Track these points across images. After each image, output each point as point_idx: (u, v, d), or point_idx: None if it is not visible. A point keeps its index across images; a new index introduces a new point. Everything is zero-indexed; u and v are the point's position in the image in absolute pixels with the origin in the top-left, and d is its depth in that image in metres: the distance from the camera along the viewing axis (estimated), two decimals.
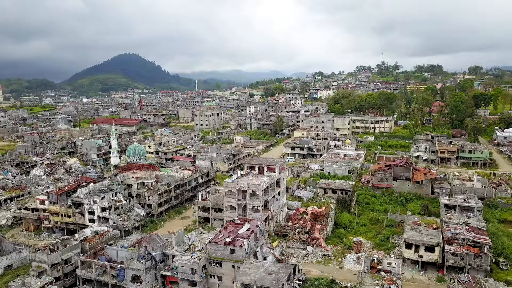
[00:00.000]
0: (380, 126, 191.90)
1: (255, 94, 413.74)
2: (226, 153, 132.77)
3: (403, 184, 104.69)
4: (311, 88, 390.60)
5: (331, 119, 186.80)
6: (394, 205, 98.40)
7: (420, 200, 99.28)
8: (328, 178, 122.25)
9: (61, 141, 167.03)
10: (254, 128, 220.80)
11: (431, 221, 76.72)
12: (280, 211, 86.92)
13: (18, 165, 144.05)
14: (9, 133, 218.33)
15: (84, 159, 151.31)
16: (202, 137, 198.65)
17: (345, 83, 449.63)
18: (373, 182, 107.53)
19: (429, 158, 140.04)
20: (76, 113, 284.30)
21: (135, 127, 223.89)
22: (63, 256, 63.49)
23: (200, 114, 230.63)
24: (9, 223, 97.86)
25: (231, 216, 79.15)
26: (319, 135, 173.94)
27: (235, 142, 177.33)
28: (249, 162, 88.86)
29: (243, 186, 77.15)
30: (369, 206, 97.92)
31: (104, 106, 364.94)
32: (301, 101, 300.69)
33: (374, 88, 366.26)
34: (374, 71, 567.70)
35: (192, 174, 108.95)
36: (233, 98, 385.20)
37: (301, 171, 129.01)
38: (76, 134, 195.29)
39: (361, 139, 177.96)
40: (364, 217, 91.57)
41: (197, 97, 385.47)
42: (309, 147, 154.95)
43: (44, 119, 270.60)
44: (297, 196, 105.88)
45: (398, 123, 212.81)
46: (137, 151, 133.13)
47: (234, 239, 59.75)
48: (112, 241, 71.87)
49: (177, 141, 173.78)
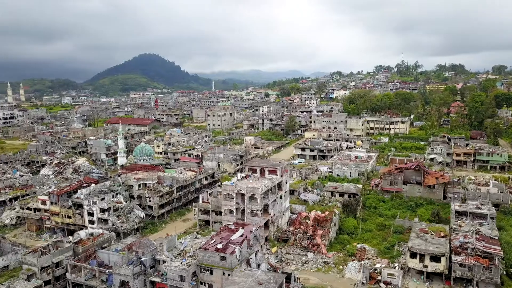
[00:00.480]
0: (395, 127, 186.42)
1: (270, 94, 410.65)
2: (233, 154, 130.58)
3: (413, 188, 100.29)
4: (327, 88, 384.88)
5: (344, 119, 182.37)
6: (403, 210, 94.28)
7: (431, 206, 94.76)
8: (337, 181, 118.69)
9: (73, 141, 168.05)
10: (266, 129, 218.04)
11: (439, 228, 72.64)
12: (282, 215, 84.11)
13: (29, 164, 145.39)
14: (25, 132, 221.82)
15: (93, 159, 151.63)
16: (213, 137, 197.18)
17: (363, 83, 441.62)
18: (382, 185, 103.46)
19: (444, 161, 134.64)
20: (91, 112, 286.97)
21: (148, 126, 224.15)
22: (54, 259, 62.34)
23: (212, 114, 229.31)
24: (13, 223, 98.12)
25: (229, 220, 76.83)
26: (331, 136, 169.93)
27: (245, 143, 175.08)
28: (251, 164, 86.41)
29: (241, 190, 74.71)
30: (377, 211, 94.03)
31: (121, 105, 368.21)
32: (316, 101, 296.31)
33: (392, 88, 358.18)
34: (393, 71, 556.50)
35: (196, 176, 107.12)
36: (248, 98, 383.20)
37: (309, 173, 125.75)
38: (89, 134, 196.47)
39: (375, 141, 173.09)
40: (370, 223, 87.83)
41: (213, 97, 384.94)
42: (320, 148, 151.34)
43: (61, 119, 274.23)
44: (302, 199, 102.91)
45: (415, 124, 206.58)
46: (144, 151, 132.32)
47: (226, 245, 57.39)
48: (107, 244, 70.44)
49: (187, 141, 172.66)
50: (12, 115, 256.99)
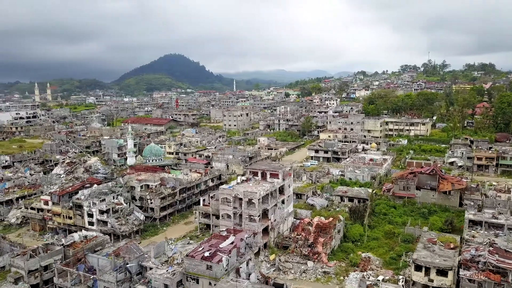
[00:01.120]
0: (415, 129, 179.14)
1: (291, 94, 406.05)
2: (242, 155, 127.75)
3: (427, 194, 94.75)
4: (349, 88, 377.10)
5: (361, 120, 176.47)
6: (415, 217, 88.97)
7: (445, 213, 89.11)
8: (348, 184, 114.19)
9: (87, 140, 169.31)
10: (283, 129, 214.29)
11: (449, 239, 67.52)
12: (284, 221, 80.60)
13: (43, 163, 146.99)
14: (45, 131, 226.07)
15: (105, 159, 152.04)
16: (227, 138, 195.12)
17: (387, 83, 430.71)
18: (394, 190, 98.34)
19: (465, 165, 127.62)
20: (110, 112, 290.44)
21: (164, 126, 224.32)
22: (42, 263, 61.16)
23: (228, 114, 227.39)
24: (18, 222, 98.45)
25: (227, 225, 74.11)
26: (347, 138, 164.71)
27: (259, 144, 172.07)
28: (252, 167, 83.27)
29: (238, 194, 71.75)
30: (387, 217, 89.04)
31: (142, 105, 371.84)
32: (336, 101, 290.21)
33: (417, 88, 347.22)
34: (419, 70, 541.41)
35: (201, 177, 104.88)
36: (268, 98, 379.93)
37: (320, 176, 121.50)
38: (105, 133, 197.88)
39: (393, 142, 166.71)
40: (378, 230, 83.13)
41: (233, 97, 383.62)
42: (334, 150, 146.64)
43: (82, 118, 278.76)
44: (309, 203, 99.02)
45: (437, 126, 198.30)
46: (153, 152, 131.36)
47: (214, 253, 54.61)
48: (100, 247, 68.93)
49: (200, 142, 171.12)
50: (35, 114, 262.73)
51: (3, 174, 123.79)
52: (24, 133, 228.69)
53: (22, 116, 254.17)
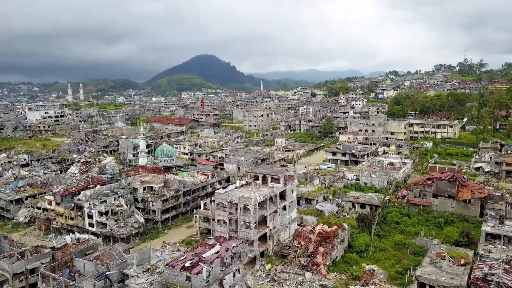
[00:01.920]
0: (442, 131, 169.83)
1: (317, 94, 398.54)
2: (254, 157, 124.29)
3: (444, 202, 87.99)
4: (377, 88, 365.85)
5: (383, 122, 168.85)
6: (430, 227, 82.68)
7: (463, 223, 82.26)
8: (363, 189, 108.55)
9: (106, 140, 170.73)
10: (304, 130, 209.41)
11: (460, 253, 61.60)
12: (285, 228, 76.57)
13: (60, 162, 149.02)
14: (71, 130, 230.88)
15: (121, 158, 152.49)
16: (246, 139, 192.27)
17: (419, 83, 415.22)
18: (409, 197, 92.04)
19: (492, 171, 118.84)
20: (135, 112, 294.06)
21: (185, 126, 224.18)
22: (28, 266, 59.92)
23: (249, 114, 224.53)
24: (26, 221, 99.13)
25: (222, 232, 71.01)
26: (368, 140, 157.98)
27: (276, 145, 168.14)
28: (252, 171, 79.68)
29: (234, 199, 68.36)
30: (398, 226, 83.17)
31: (168, 105, 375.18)
32: (362, 102, 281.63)
33: (450, 88, 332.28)
34: (454, 70, 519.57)
35: (207, 179, 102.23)
36: (293, 98, 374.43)
37: (334, 180, 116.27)
38: (126, 133, 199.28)
39: (417, 145, 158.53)
40: (387, 240, 77.56)
41: (258, 97, 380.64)
42: (352, 153, 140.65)
43: (107, 117, 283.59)
44: (318, 209, 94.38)
45: (467, 128, 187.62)
46: (165, 152, 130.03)
47: (196, 263, 51.43)
48: (91, 251, 67.20)
49: (217, 142, 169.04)
50: (63, 113, 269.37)
51: (18, 172, 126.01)
52: (50, 132, 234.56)
53: (50, 115, 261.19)
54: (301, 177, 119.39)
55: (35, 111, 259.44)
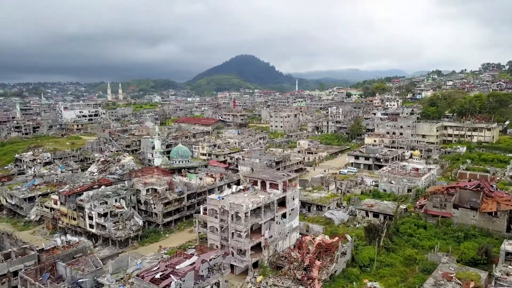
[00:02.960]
0: (479, 135, 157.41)
1: (353, 94, 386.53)
2: (269, 160, 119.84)
3: (466, 214, 79.75)
4: (415, 88, 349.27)
5: (412, 124, 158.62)
6: (448, 241, 75.12)
7: (486, 239, 74.08)
8: (381, 197, 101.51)
9: (129, 139, 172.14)
10: (331, 132, 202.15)
11: (471, 275, 54.51)
12: (284, 237, 71.96)
13: (82, 161, 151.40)
14: (102, 129, 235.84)
15: (140, 158, 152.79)
16: (270, 140, 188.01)
17: (462, 83, 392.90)
18: (427, 207, 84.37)
19: None
20: (167, 111, 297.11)
21: (211, 127, 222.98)
22: (11, 268, 59.13)
23: (275, 115, 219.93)
24: (37, 219, 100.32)
25: (214, 239, 67.57)
26: (395, 143, 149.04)
27: (298, 147, 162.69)
28: (251, 176, 75.55)
29: (224, 205, 64.56)
30: (412, 239, 76.16)
31: (201, 105, 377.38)
32: (397, 103, 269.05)
33: (495, 89, 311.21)
34: (503, 69, 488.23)
35: (215, 182, 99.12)
36: (327, 98, 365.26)
37: (351, 186, 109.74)
38: (152, 132, 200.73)
39: (450, 150, 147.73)
40: (397, 254, 70.99)
41: (291, 98, 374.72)
42: (376, 156, 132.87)
43: (140, 117, 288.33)
44: (327, 217, 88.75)
45: (508, 132, 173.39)
46: (180, 153, 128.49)
47: (167, 275, 48.17)
48: (81, 254, 65.76)
49: (239, 143, 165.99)
50: (97, 112, 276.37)
51: (39, 170, 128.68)
52: (83, 131, 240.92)
53: (84, 114, 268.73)
54: (317, 182, 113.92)
55: (70, 110, 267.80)
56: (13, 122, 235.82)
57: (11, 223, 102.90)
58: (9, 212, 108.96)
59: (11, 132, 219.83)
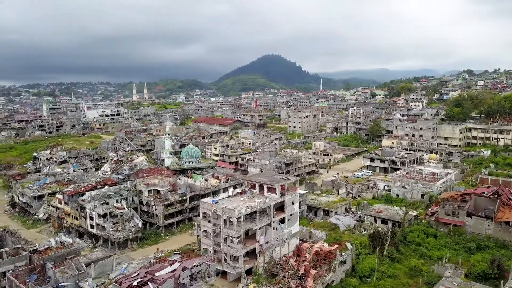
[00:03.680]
0: (505, 137, 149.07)
1: (377, 94, 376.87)
2: (278, 162, 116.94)
3: (481, 224, 74.48)
4: (443, 88, 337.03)
5: (432, 126, 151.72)
6: (459, 252, 70.29)
7: (501, 251, 68.90)
8: (393, 202, 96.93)
9: (144, 139, 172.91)
10: (351, 133, 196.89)
11: None
12: (282, 244, 69.11)
13: (97, 160, 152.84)
14: (122, 128, 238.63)
15: (154, 158, 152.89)
16: (286, 140, 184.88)
17: (494, 83, 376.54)
18: (439, 215, 79.45)
19: None
20: (182, 111, 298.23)
21: (229, 127, 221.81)
22: (1, 269, 58.82)
23: (293, 115, 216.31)
24: (45, 218, 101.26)
25: (207, 244, 65.45)
26: (414, 145, 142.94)
27: (314, 148, 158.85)
28: (248, 178, 73.03)
29: (217, 210, 62.36)
30: (419, 249, 71.73)
31: (222, 105, 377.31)
32: (422, 103, 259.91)
33: None
34: None
35: (219, 184, 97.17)
36: (351, 98, 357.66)
37: (362, 190, 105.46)
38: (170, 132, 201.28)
39: (473, 153, 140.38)
40: (402, 265, 66.81)
41: (313, 98, 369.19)
42: (392, 159, 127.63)
43: (161, 116, 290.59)
44: (333, 223, 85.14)
45: None
46: (190, 153, 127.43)
47: (145, 282, 46.39)
48: (73, 255, 65.05)
49: (253, 144, 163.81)
50: (118, 112, 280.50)
51: (53, 169, 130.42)
52: (104, 130, 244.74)
53: (107, 113, 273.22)
54: (328, 185, 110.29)
55: (93, 110, 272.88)
56: (38, 121, 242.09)
57: (21, 221, 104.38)
58: (21, 210, 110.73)
59: (35, 131, 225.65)
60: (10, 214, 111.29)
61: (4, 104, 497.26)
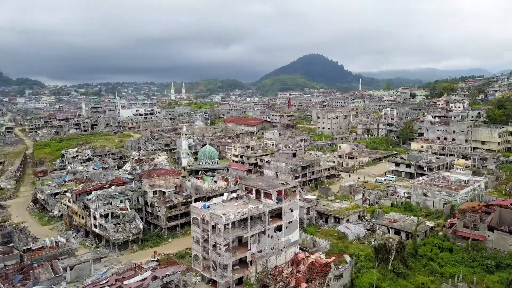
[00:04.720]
0: None
1: (418, 94, 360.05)
2: (294, 164, 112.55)
3: (503, 239, 66.85)
4: (487, 88, 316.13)
5: (465, 129, 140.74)
6: (476, 269, 63.31)
7: None
8: (413, 210, 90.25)
9: (168, 138, 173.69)
10: (382, 135, 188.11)
11: None
12: (278, 252, 65.23)
13: (121, 159, 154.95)
14: (153, 127, 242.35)
15: (175, 157, 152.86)
16: (313, 142, 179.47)
17: None
18: (457, 227, 72.30)
19: None
20: (212, 111, 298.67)
21: (257, 127, 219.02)
22: None
23: (322, 116, 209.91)
24: (59, 215, 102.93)
25: (197, 250, 62.82)
26: (445, 150, 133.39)
27: (339, 151, 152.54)
28: (245, 183, 69.63)
29: (205, 215, 59.53)
30: (431, 264, 65.33)
31: (257, 105, 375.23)
32: (463, 104, 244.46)
33: None
34: None
35: (227, 186, 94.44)
36: (389, 99, 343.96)
37: (380, 197, 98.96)
38: (198, 132, 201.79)
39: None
40: (408, 281, 60.84)
41: (349, 97, 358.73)
42: (419, 164, 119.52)
43: (192, 116, 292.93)
44: (341, 231, 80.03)
45: None
46: (207, 154, 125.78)
47: None
48: (66, 256, 64.74)
49: (276, 145, 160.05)
50: (152, 111, 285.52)
51: (75, 167, 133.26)
52: (136, 129, 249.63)
53: (140, 113, 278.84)
54: (345, 190, 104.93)
55: (128, 109, 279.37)
56: (74, 120, 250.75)
57: (39, 217, 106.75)
58: (40, 206, 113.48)
59: (71, 129, 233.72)
60: (31, 210, 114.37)
61: (52, 103, 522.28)
